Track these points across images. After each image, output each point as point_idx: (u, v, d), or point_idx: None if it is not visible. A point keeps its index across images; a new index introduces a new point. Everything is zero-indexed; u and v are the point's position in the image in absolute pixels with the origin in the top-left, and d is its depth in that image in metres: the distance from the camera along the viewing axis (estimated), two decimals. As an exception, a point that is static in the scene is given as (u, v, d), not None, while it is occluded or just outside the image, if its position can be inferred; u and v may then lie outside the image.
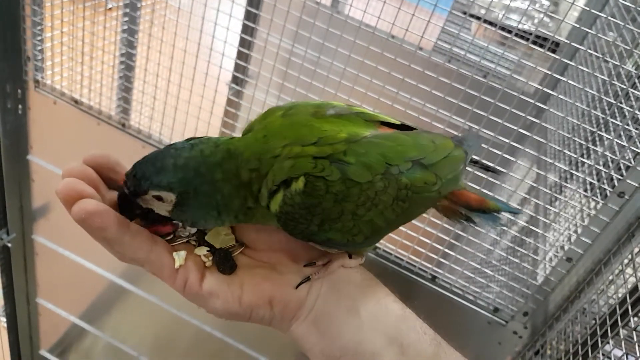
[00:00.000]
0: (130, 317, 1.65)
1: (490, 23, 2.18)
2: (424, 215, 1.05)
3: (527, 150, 1.00)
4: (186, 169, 0.45)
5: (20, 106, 1.28)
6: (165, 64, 1.18)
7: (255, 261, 0.51)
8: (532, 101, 0.90)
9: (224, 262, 0.48)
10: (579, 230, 0.92)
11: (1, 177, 1.38)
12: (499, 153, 0.94)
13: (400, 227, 0.99)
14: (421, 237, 1.04)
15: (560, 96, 1.06)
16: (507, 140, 0.93)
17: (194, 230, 0.50)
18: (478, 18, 2.21)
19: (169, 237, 0.50)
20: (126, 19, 1.46)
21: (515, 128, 0.92)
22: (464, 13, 1.94)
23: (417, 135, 0.51)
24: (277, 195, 0.45)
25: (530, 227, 1.02)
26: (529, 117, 0.91)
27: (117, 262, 1.41)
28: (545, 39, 2.01)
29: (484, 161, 0.72)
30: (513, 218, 1.09)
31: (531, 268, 1.00)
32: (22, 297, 1.73)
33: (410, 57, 0.97)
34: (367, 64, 1.00)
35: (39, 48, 1.20)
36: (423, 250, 1.05)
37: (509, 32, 2.12)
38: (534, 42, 1.75)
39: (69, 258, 1.55)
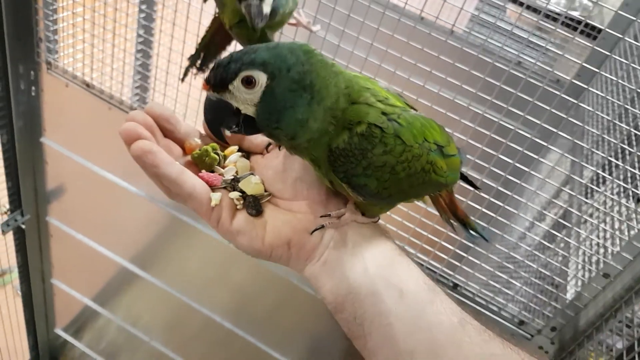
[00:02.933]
0: (143, 302, 1.64)
1: (527, 7, 2.05)
2: (440, 228, 0.99)
3: (557, 149, 0.92)
4: (278, 49, 0.48)
5: (33, 88, 1.25)
6: (178, 48, 1.12)
7: (279, 208, 0.57)
8: (568, 98, 0.82)
9: (252, 206, 0.55)
10: (619, 245, 0.84)
11: (15, 159, 1.36)
12: (523, 154, 0.86)
13: (422, 231, 0.94)
14: (443, 242, 0.98)
15: (595, 90, 0.97)
16: (525, 138, 0.85)
17: (230, 177, 0.56)
18: (514, 1, 2.08)
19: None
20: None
21: (544, 125, 0.84)
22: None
23: (442, 128, 0.58)
24: (343, 133, 0.50)
25: (565, 238, 0.94)
26: (563, 116, 0.83)
27: (129, 248, 1.38)
28: (586, 25, 1.88)
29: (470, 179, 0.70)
30: (546, 228, 1.02)
31: (562, 281, 0.93)
32: (38, 277, 1.73)
33: (440, 47, 0.90)
34: (391, 53, 0.92)
35: (52, 29, 1.15)
36: (445, 257, 0.99)
37: (547, 16, 2.00)
38: (574, 28, 1.63)
39: (83, 241, 1.54)
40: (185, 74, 0.94)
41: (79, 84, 1.18)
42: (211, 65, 0.58)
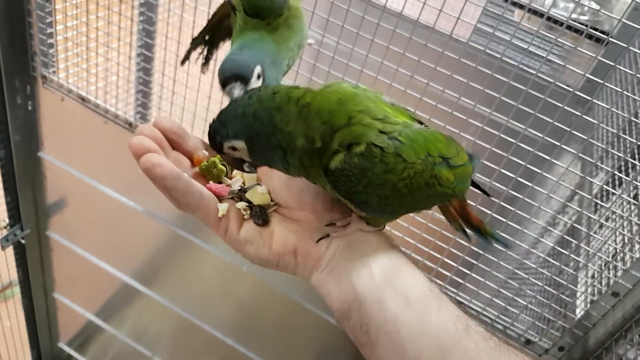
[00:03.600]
0: (145, 317, 1.62)
1: (534, 12, 2.01)
2: (449, 235, 0.95)
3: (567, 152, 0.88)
4: (245, 117, 0.51)
5: (30, 102, 1.24)
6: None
7: (285, 218, 0.58)
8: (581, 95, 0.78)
9: (259, 216, 0.57)
10: (629, 263, 0.80)
11: (13, 173, 1.35)
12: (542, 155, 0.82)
13: (424, 248, 0.90)
14: (445, 259, 0.95)
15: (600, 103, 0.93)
16: (530, 152, 0.81)
17: (237, 188, 0.58)
18: (521, 7, 2.04)
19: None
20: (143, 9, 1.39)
21: (561, 125, 0.80)
22: (505, 0, 1.79)
23: (449, 139, 0.57)
24: (339, 154, 0.50)
25: (572, 256, 0.90)
26: (577, 114, 0.79)
27: (130, 263, 1.36)
28: (594, 29, 1.83)
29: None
30: (551, 245, 0.97)
31: (570, 300, 0.89)
32: (40, 291, 1.72)
33: (448, 49, 0.87)
34: (404, 56, 0.89)
35: (47, 42, 1.14)
36: (447, 274, 0.95)
37: (555, 21, 1.96)
38: (588, 35, 1.59)
39: (84, 256, 1.52)
40: (186, 58, 0.90)
41: (74, 98, 1.17)
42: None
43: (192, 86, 1.11)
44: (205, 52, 0.87)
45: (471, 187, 0.66)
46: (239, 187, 0.59)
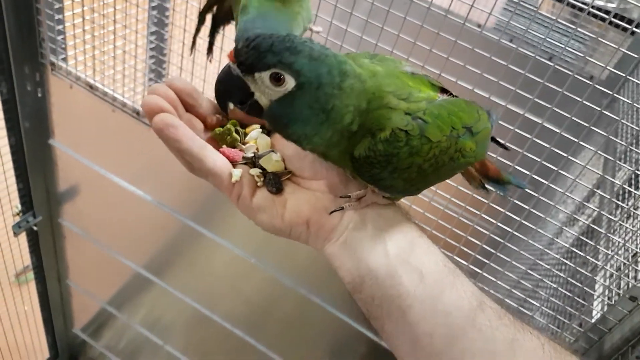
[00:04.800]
0: (157, 306, 1.62)
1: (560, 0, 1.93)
2: (460, 232, 0.92)
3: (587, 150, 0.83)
4: (319, 62, 0.45)
5: (39, 89, 1.23)
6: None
7: (299, 187, 0.56)
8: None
9: (273, 184, 0.55)
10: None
11: (24, 161, 1.35)
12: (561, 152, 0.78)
13: (440, 235, 0.88)
14: (456, 257, 0.91)
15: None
16: (551, 150, 0.77)
17: (251, 154, 0.56)
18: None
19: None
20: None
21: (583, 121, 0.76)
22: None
23: (470, 104, 0.55)
24: (365, 141, 0.48)
25: (588, 257, 0.86)
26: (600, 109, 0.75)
27: (141, 253, 1.36)
28: (622, 18, 1.76)
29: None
30: (567, 245, 0.93)
31: (585, 303, 0.85)
32: (53, 277, 1.73)
33: (467, 36, 0.83)
34: (415, 45, 0.86)
35: (56, 29, 1.13)
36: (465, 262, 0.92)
37: (580, 10, 1.88)
38: (610, 21, 1.52)
39: (96, 245, 1.53)
40: (193, 45, 0.88)
41: (82, 85, 1.16)
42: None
43: (201, 76, 1.09)
44: (210, 40, 0.84)
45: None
46: (253, 154, 0.56)
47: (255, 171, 0.55)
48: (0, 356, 1.78)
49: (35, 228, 1.51)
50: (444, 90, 0.57)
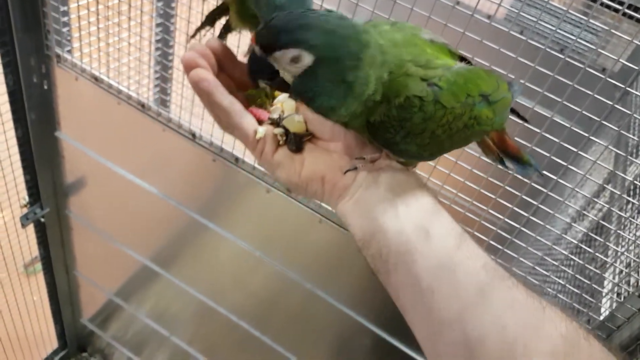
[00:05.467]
0: (164, 298, 1.63)
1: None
2: (466, 228, 0.91)
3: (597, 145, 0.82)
4: (335, 35, 0.46)
5: (45, 81, 1.23)
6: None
7: (318, 147, 0.59)
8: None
9: (293, 143, 0.58)
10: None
11: (31, 152, 1.35)
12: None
13: None
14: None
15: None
16: (564, 147, 0.76)
17: (276, 115, 0.59)
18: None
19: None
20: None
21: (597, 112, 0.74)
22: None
23: (488, 72, 0.56)
24: (381, 106, 0.50)
25: (596, 254, 0.85)
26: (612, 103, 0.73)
27: (148, 246, 1.36)
28: (636, 9, 1.72)
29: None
30: (575, 241, 0.92)
31: (594, 300, 0.84)
32: (61, 268, 1.74)
33: (475, 28, 0.81)
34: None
35: (61, 21, 1.13)
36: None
37: (593, 0, 1.84)
38: (623, 12, 1.48)
39: (103, 237, 1.53)
40: (194, 36, 0.87)
41: (88, 77, 1.15)
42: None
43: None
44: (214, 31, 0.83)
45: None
46: (278, 115, 0.60)
47: (278, 130, 0.58)
48: (10, 346, 1.79)
49: (42, 220, 1.52)
50: (463, 59, 0.58)
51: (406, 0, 0.83)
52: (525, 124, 0.76)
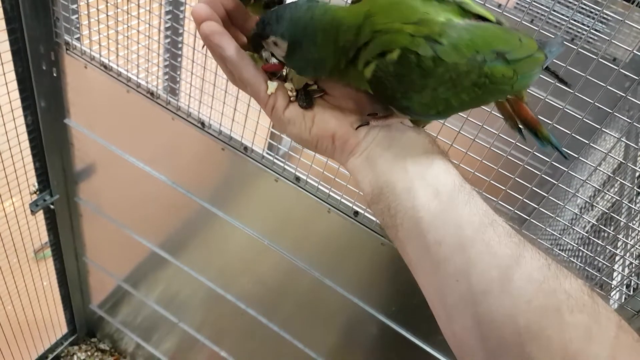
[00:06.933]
0: (172, 285, 1.64)
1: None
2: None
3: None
4: (297, 25, 0.54)
5: (54, 69, 1.23)
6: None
7: (329, 104, 0.60)
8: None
9: (304, 99, 0.59)
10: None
11: (40, 139, 1.36)
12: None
13: None
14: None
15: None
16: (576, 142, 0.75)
17: (285, 70, 0.61)
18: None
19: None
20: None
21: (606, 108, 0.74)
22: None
23: (507, 30, 0.54)
24: (371, 64, 0.51)
25: (607, 247, 0.84)
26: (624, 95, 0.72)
27: (156, 232, 1.37)
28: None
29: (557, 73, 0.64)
30: (585, 233, 0.91)
31: (603, 293, 0.84)
32: (71, 255, 1.76)
33: None
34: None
35: (71, 8, 1.12)
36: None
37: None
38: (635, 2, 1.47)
39: (112, 223, 1.54)
40: None
41: (97, 65, 1.15)
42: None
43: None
44: None
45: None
46: (287, 69, 0.61)
47: (289, 85, 0.59)
48: (19, 330, 1.82)
49: (52, 206, 1.53)
50: (481, 18, 0.56)
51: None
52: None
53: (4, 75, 1.15)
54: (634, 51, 0.76)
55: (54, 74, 1.23)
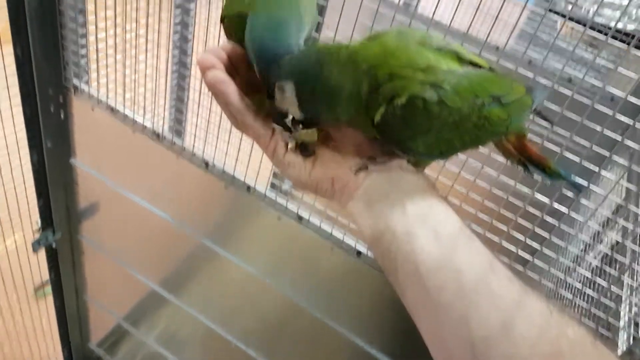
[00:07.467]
0: (173, 324, 1.63)
1: (578, 22, 1.92)
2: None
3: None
4: (298, 68, 0.54)
5: (62, 111, 1.26)
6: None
7: (329, 147, 0.61)
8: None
9: (305, 148, 0.60)
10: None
11: (45, 178, 1.37)
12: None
13: None
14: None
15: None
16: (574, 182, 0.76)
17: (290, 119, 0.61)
18: (563, 16, 1.96)
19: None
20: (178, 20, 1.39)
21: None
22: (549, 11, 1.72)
23: (500, 76, 0.57)
24: (380, 108, 0.52)
25: (611, 287, 0.85)
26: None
27: (158, 271, 1.37)
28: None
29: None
30: (588, 273, 0.92)
31: (610, 335, 0.83)
32: (71, 293, 1.75)
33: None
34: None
35: (80, 53, 1.16)
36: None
37: (600, 31, 1.87)
38: (629, 43, 1.50)
39: (114, 261, 1.54)
40: None
41: (104, 108, 1.18)
42: None
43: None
44: None
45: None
46: (291, 120, 0.61)
47: (290, 139, 0.60)
48: (17, 369, 1.79)
49: (54, 245, 1.53)
50: (475, 65, 0.59)
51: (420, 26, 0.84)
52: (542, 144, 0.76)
53: (12, 117, 1.18)
54: (629, 98, 0.77)
55: (62, 116, 1.26)
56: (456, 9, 0.80)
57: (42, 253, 1.58)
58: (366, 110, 0.54)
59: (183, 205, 1.31)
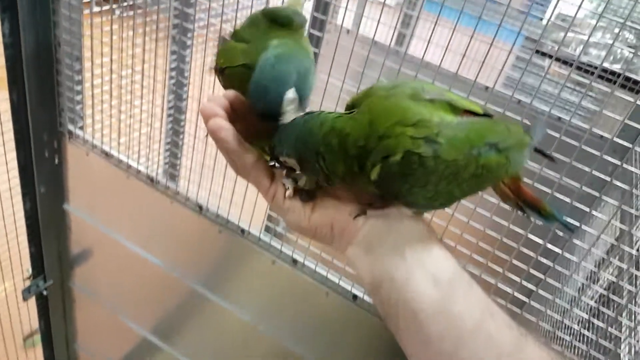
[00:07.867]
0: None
1: (565, 62, 1.97)
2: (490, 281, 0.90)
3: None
4: (298, 141, 0.57)
5: (56, 156, 1.26)
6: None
7: (328, 193, 0.62)
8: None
9: (305, 194, 0.62)
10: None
11: (38, 225, 1.36)
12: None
13: None
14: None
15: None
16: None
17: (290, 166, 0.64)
18: (550, 56, 2.01)
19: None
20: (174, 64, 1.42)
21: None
22: (536, 52, 1.77)
23: (495, 122, 0.57)
24: (376, 167, 0.52)
25: (609, 329, 0.83)
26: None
27: (150, 318, 1.34)
28: (628, 79, 1.78)
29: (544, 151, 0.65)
30: (585, 314, 0.90)
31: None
32: (61, 342, 1.71)
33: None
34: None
35: (76, 99, 1.17)
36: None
37: (586, 70, 1.91)
38: (614, 82, 1.54)
39: (106, 309, 1.51)
40: None
41: (98, 153, 1.18)
42: None
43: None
44: None
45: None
46: (291, 169, 0.63)
47: (290, 183, 0.62)
48: None
49: (45, 293, 1.50)
50: (470, 112, 0.59)
51: (410, 68, 0.86)
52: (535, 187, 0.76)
53: (6, 163, 1.18)
54: (616, 139, 0.78)
55: (56, 161, 1.26)
56: (442, 57, 0.82)
57: (32, 301, 1.55)
58: (363, 169, 0.54)
59: (176, 251, 1.30)
